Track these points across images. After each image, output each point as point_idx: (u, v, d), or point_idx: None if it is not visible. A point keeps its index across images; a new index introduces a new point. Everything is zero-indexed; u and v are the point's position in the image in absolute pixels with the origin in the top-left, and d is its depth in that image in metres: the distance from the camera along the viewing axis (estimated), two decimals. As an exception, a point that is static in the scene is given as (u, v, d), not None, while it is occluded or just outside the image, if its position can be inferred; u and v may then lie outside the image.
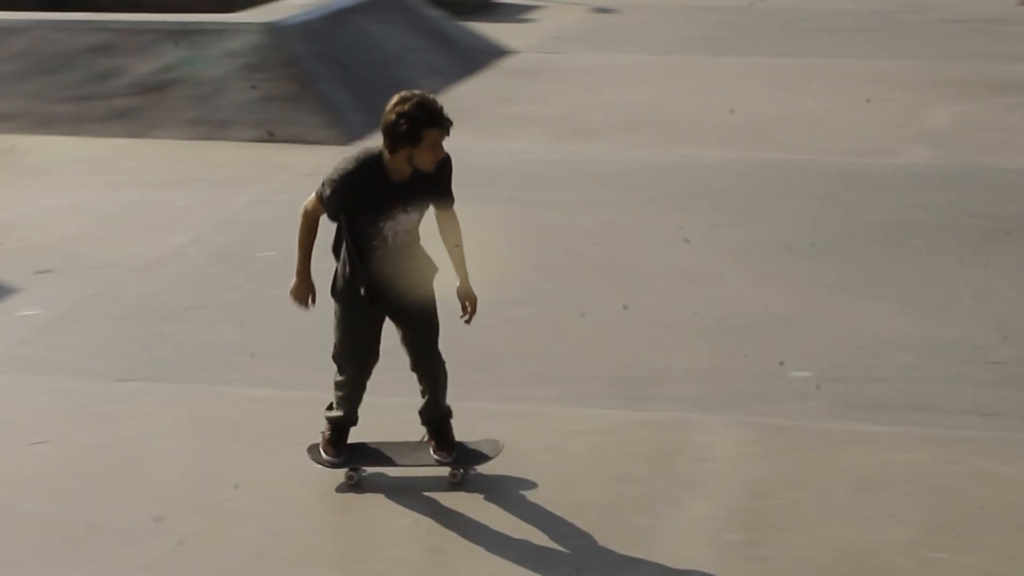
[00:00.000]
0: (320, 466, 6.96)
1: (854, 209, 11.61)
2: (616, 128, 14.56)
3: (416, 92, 6.31)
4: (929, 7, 22.63)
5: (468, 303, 6.75)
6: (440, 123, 6.23)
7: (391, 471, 6.99)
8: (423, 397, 6.84)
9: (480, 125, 14.53)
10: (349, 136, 13.93)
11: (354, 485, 6.91)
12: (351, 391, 6.85)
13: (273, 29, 15.28)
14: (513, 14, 22.58)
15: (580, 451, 7.30)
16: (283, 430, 7.58)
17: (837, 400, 7.94)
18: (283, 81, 14.71)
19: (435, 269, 6.75)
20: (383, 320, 6.75)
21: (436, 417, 6.88)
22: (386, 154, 6.33)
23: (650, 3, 23.38)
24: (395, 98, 6.27)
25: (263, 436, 7.55)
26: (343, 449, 6.95)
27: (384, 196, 6.38)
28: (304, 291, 6.72)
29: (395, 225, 6.49)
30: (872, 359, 8.49)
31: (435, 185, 6.47)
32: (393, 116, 6.21)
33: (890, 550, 6.31)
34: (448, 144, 6.38)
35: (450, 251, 6.73)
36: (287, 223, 11.28)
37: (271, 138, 14.09)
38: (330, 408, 6.99)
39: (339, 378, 6.85)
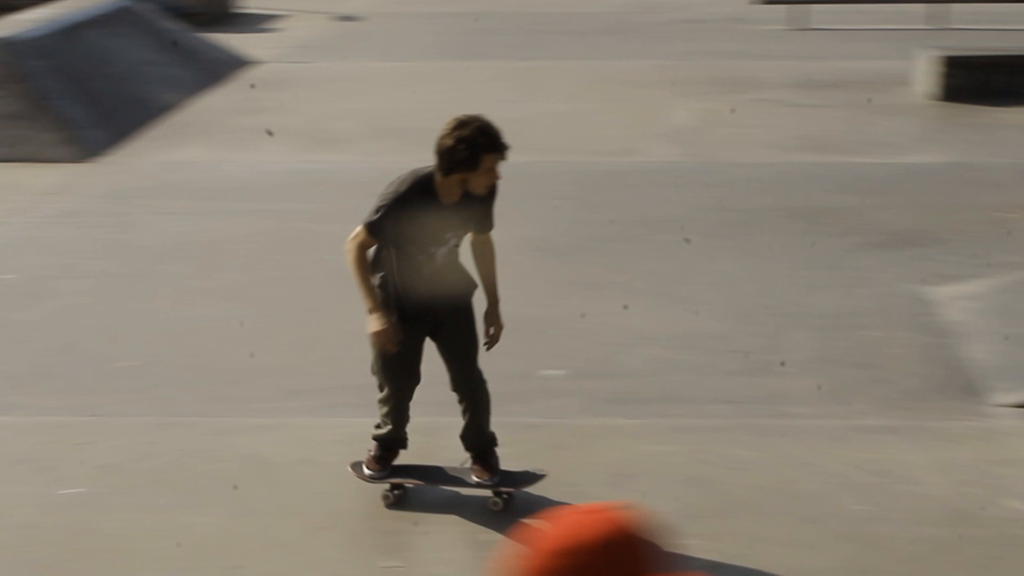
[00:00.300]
0: (363, 481, 6.78)
1: (601, 208, 11.78)
2: (362, 136, 14.51)
3: (473, 116, 6.15)
4: (667, 7, 23.17)
5: (493, 328, 6.59)
6: (499, 148, 6.09)
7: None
8: (464, 419, 6.67)
9: (224, 138, 14.32)
10: (88, 152, 13.59)
11: (392, 503, 6.74)
12: (394, 409, 6.65)
13: (4, 45, 14.80)
14: (255, 24, 22.35)
15: (335, 460, 7.22)
16: (27, 457, 7.33)
17: (589, 396, 8.04)
18: (16, 98, 14.25)
19: (475, 285, 6.57)
20: (423, 339, 6.51)
21: (480, 443, 6.71)
22: (438, 176, 6.14)
23: (395, 10, 23.42)
24: (452, 122, 6.09)
25: (6, 464, 7.29)
26: (386, 466, 6.75)
27: (436, 218, 6.19)
28: (391, 329, 6.28)
29: (446, 249, 6.35)
30: (622, 354, 8.62)
31: (482, 208, 6.33)
32: (451, 141, 6.03)
33: (644, 540, 6.40)
34: (191, 158, 6.24)
35: (482, 275, 6.58)
36: (26, 244, 11.02)
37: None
38: (377, 427, 6.77)
39: (380, 395, 6.67)
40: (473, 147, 6.02)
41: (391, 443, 6.75)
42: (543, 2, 23.76)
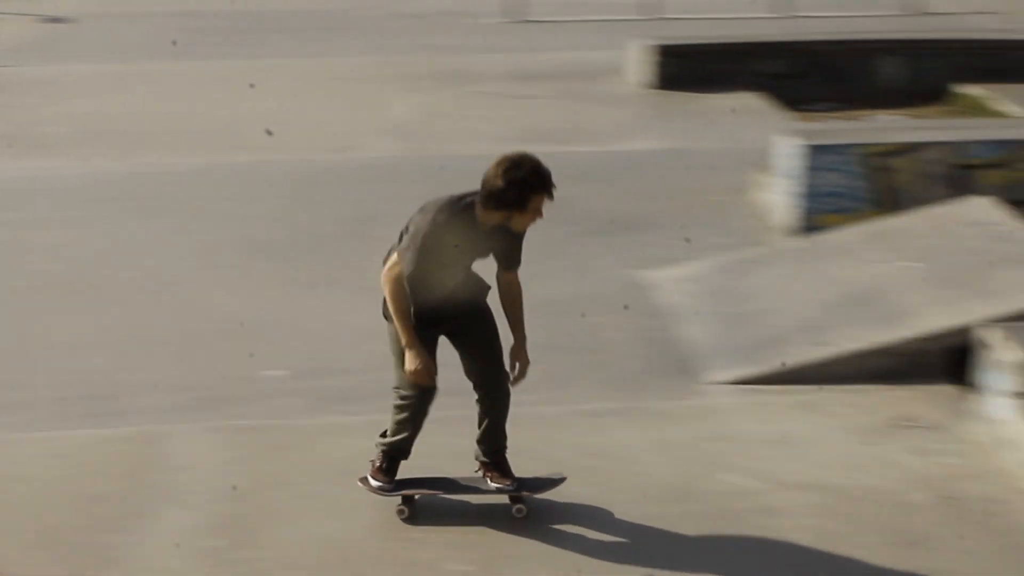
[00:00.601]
0: (373, 494, 6.56)
1: (322, 205, 11.67)
2: (73, 140, 14.07)
3: (524, 155, 6.07)
4: (386, 2, 23.12)
5: (519, 364, 6.41)
6: (549, 189, 6.02)
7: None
8: (485, 420, 6.51)
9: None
10: None
11: (408, 517, 6.53)
12: (415, 416, 6.48)
13: None
14: (-43, 27, 21.52)
15: (49, 476, 6.99)
16: None
17: (312, 395, 7.96)
18: None
19: (488, 286, 6.45)
20: (437, 341, 6.38)
21: (495, 449, 6.56)
22: (479, 209, 6.03)
23: (107, 10, 22.80)
24: (504, 162, 6.01)
25: None
26: (393, 478, 6.57)
27: (467, 246, 6.15)
28: (429, 364, 6.26)
29: (469, 271, 6.32)
30: (344, 351, 8.54)
31: (511, 241, 6.24)
32: (502, 183, 5.96)
33: (369, 536, 6.38)
34: None
35: (509, 315, 6.45)
36: None
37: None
38: (383, 435, 6.58)
39: (400, 402, 6.48)
40: (526, 188, 5.99)
41: (397, 453, 6.59)
42: (261, 0, 23.44)
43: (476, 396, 6.51)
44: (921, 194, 10.52)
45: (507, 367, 6.43)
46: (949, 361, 7.98)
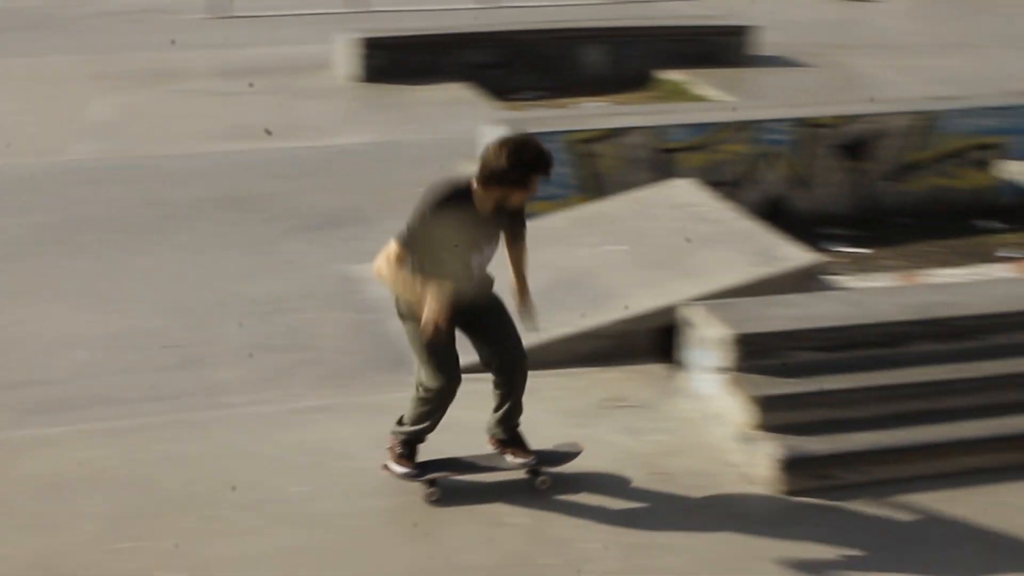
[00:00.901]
0: (399, 480, 6.63)
1: (17, 211, 11.26)
2: None
3: (526, 137, 6.30)
4: (85, 0, 22.52)
5: (527, 304, 6.60)
6: (548, 170, 6.16)
7: None
8: (505, 403, 6.63)
9: None
10: None
11: (437, 499, 6.58)
12: (439, 407, 6.53)
13: None
14: None
15: None
16: None
17: (14, 407, 7.65)
18: None
19: (492, 279, 6.50)
20: (455, 336, 6.41)
21: (512, 426, 6.70)
22: (477, 188, 6.14)
23: None
24: (508, 143, 6.15)
25: None
26: (415, 462, 6.67)
27: (472, 227, 6.20)
28: (446, 311, 6.10)
29: (481, 258, 6.34)
30: (48, 361, 8.26)
31: (514, 217, 6.39)
32: (506, 163, 6.08)
33: (77, 550, 6.16)
34: None
35: (514, 264, 6.60)
36: None
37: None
38: (400, 422, 6.65)
39: (424, 395, 6.51)
40: (529, 169, 6.13)
41: (415, 440, 6.67)
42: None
43: (495, 380, 6.61)
44: (625, 178, 10.74)
45: (521, 316, 6.58)
46: (656, 341, 8.16)
